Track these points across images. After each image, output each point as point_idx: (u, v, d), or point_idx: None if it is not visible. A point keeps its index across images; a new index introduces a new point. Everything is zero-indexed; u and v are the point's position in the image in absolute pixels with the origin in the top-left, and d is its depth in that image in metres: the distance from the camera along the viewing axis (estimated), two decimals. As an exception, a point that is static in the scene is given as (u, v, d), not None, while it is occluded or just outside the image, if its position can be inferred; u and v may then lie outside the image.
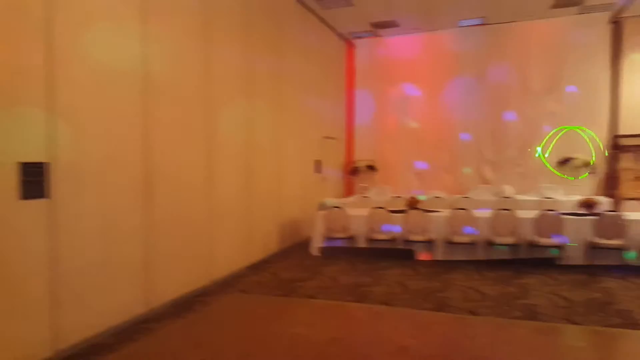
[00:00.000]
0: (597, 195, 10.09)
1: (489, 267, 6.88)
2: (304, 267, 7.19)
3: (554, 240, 6.65)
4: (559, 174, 10.43)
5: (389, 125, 11.71)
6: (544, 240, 6.68)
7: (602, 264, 6.69)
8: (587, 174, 10.12)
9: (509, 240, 6.85)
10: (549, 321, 4.80)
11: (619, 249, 6.42)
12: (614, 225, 6.37)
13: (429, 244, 7.35)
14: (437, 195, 9.83)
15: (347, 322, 5.09)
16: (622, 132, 10.23)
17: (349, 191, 11.82)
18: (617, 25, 10.55)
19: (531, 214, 6.97)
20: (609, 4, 9.72)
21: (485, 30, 10.95)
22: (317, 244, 8.07)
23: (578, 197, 9.60)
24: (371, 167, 11.44)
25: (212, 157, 6.14)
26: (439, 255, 7.37)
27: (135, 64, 4.80)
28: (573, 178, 10.18)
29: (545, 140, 10.64)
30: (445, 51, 11.32)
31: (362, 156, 11.71)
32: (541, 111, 10.70)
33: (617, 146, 10.08)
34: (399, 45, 11.60)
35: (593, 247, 6.58)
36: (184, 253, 5.59)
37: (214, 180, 6.20)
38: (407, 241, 7.41)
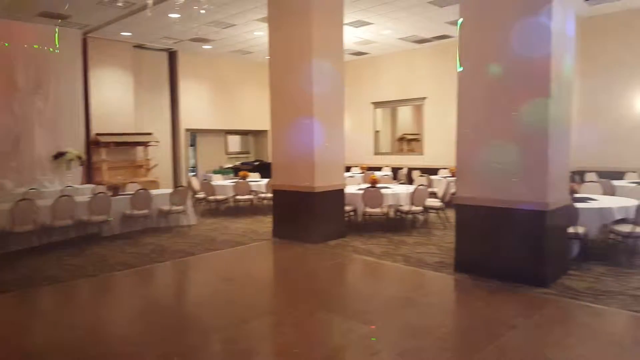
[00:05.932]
0: (83, 183, 12.12)
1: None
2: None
3: (102, 217, 8.35)
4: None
5: None
6: (95, 218, 8.25)
7: (135, 229, 9.01)
8: (78, 165, 11.89)
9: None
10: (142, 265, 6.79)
11: (146, 217, 8.97)
12: (144, 200, 8.83)
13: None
14: None
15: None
16: (98, 131, 12.66)
17: None
18: (85, 43, 12.80)
19: (85, 198, 8.30)
20: (85, 24, 11.80)
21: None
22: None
23: (70, 185, 11.32)
24: None
25: None
26: None
27: None
28: (67, 169, 11.67)
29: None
30: None
31: None
32: (29, 109, 11.38)
33: (97, 142, 12.44)
34: None
35: (128, 218, 8.81)
36: None
37: None
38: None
